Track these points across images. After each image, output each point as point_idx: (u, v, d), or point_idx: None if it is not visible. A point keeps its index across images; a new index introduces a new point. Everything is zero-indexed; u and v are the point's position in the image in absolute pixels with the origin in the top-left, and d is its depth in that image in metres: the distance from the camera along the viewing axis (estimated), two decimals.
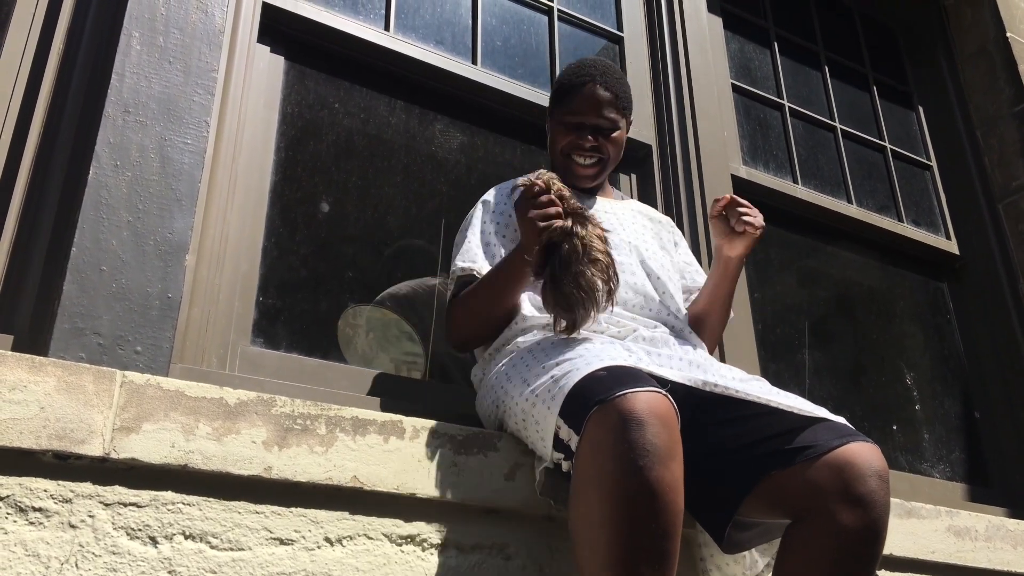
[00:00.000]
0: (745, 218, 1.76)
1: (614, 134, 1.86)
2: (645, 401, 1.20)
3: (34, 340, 1.42)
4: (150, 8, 1.71)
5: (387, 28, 2.20)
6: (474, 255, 1.73)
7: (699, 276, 1.96)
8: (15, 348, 1.42)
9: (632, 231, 1.84)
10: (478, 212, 1.82)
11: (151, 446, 1.24)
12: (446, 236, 2.11)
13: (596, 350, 1.42)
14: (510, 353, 1.61)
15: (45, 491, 1.18)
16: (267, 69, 1.98)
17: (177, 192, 1.59)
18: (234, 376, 1.64)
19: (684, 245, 2.03)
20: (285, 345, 1.80)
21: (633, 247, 1.79)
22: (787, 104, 2.97)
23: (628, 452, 1.16)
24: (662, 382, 1.35)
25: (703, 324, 1.81)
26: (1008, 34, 3.27)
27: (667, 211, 2.41)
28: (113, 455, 1.21)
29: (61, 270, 1.45)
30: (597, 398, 1.22)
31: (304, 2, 2.07)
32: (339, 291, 1.96)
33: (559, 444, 1.32)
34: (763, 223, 1.80)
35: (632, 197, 2.45)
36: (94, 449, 1.20)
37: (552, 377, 1.38)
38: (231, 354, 1.70)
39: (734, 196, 1.82)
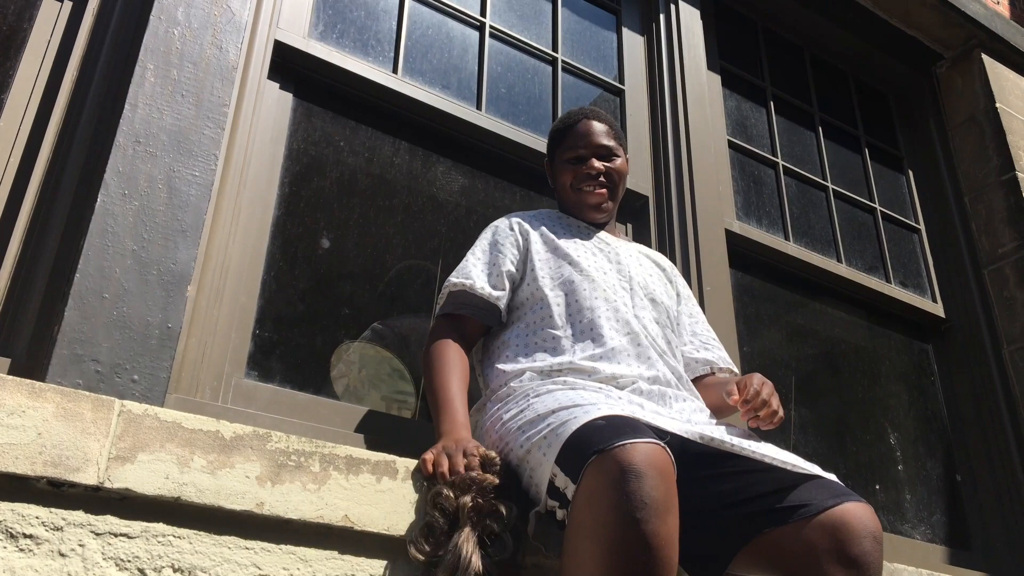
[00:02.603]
0: (762, 416, 1.57)
1: (617, 161, 1.91)
2: (643, 453, 1.21)
3: (32, 364, 1.43)
4: (166, 42, 1.74)
5: (395, 71, 2.24)
6: (469, 272, 1.76)
7: (707, 330, 1.96)
8: (12, 371, 1.43)
9: (639, 272, 1.85)
10: (486, 235, 1.86)
11: (145, 477, 1.24)
12: (443, 276, 2.13)
13: (594, 399, 1.43)
14: (506, 397, 1.62)
15: (37, 518, 1.17)
16: (275, 105, 2.01)
17: (183, 223, 1.61)
18: (227, 408, 1.64)
19: (687, 294, 2.02)
20: (279, 379, 1.81)
21: (642, 288, 1.80)
22: (781, 162, 3.03)
23: (625, 503, 1.17)
24: (660, 434, 1.36)
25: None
26: (998, 104, 3.36)
27: None
28: (107, 484, 1.21)
29: (63, 295, 1.46)
30: (595, 448, 1.23)
31: (315, 42, 2.11)
32: (335, 327, 1.97)
33: (554, 492, 1.32)
34: (782, 415, 1.60)
35: None
36: (88, 478, 1.20)
37: (548, 424, 1.38)
38: (224, 386, 1.70)
39: (753, 399, 1.58)
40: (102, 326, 1.46)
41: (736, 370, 1.92)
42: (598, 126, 1.90)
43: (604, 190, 1.89)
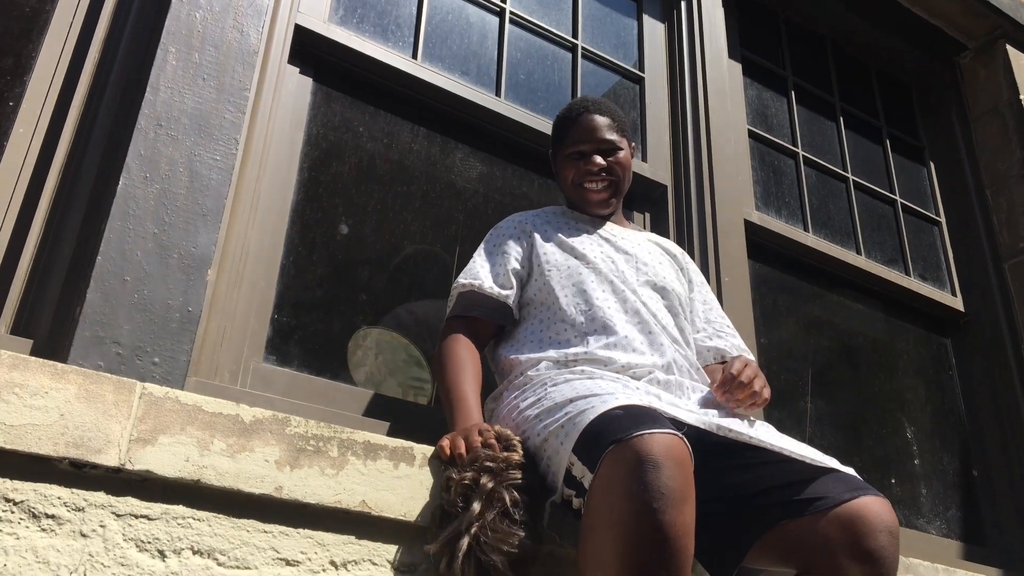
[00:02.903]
0: (742, 399, 1.59)
1: (619, 154, 1.88)
2: (661, 443, 1.20)
3: (54, 346, 1.44)
4: (187, 25, 1.74)
5: (415, 56, 2.23)
6: (476, 273, 1.76)
7: (720, 317, 1.95)
8: (34, 352, 1.44)
9: (648, 261, 1.84)
10: (490, 237, 1.86)
11: (166, 459, 1.25)
12: (460, 263, 2.12)
13: (612, 388, 1.43)
14: (523, 386, 1.62)
15: (59, 499, 1.18)
16: (295, 90, 2.00)
17: (203, 207, 1.61)
18: (245, 392, 1.65)
19: (700, 280, 2.01)
20: (297, 364, 1.81)
21: (651, 276, 1.80)
22: (801, 152, 3.01)
23: (642, 493, 1.17)
24: (677, 424, 1.35)
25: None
26: (1021, 96, 3.32)
27: None
28: (128, 466, 1.22)
29: (85, 278, 1.46)
30: (614, 437, 1.23)
31: (335, 26, 2.11)
32: (352, 313, 1.97)
33: (571, 480, 1.32)
34: (767, 396, 1.62)
35: None
36: (110, 459, 1.21)
37: (567, 413, 1.38)
38: (243, 370, 1.71)
39: (728, 382, 1.59)
40: (123, 309, 1.46)
41: (751, 357, 1.91)
42: (600, 119, 1.87)
43: (606, 192, 1.88)
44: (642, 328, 1.69)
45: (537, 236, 1.83)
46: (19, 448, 1.16)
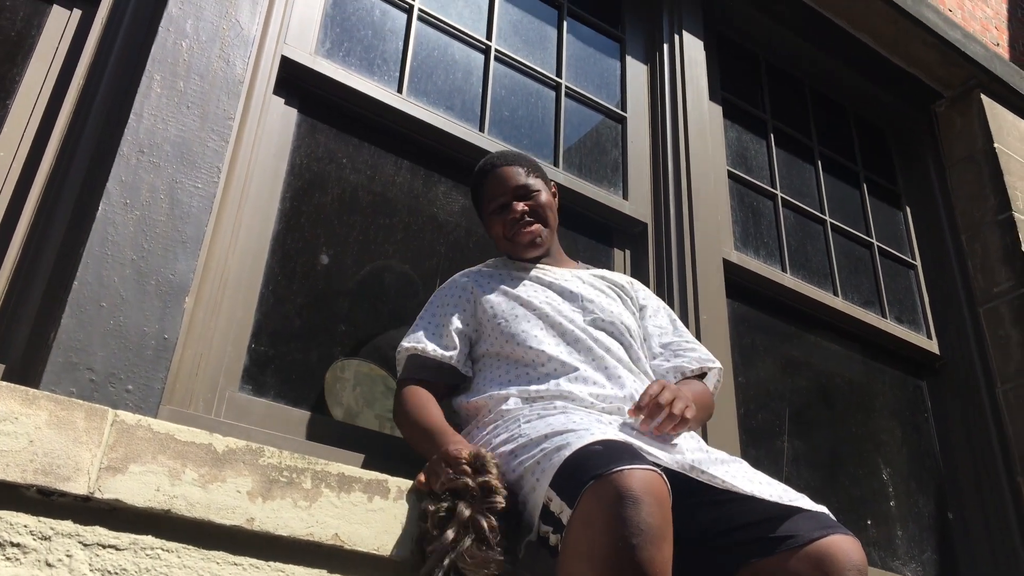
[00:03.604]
0: (662, 424, 1.53)
1: (538, 196, 1.91)
2: (641, 479, 1.20)
3: (26, 371, 1.42)
4: (173, 53, 1.74)
5: (400, 90, 2.25)
6: (419, 337, 1.76)
7: (678, 336, 1.92)
8: (6, 377, 1.42)
9: (594, 297, 1.84)
10: (434, 298, 1.87)
11: (136, 488, 1.23)
12: None
13: (586, 423, 1.42)
14: (494, 422, 1.61)
15: (25, 527, 1.16)
16: (280, 120, 2.01)
17: (183, 234, 1.60)
18: (220, 422, 1.63)
19: (655, 306, 1.99)
20: (273, 394, 1.80)
21: (597, 311, 1.80)
22: (780, 194, 3.04)
23: (622, 529, 1.16)
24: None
25: None
26: (996, 145, 3.38)
27: (658, 288, 2.45)
28: (97, 495, 1.20)
29: (61, 303, 1.45)
30: (594, 472, 1.23)
31: (322, 59, 2.12)
32: (331, 344, 1.96)
33: (548, 517, 1.31)
34: (689, 416, 1.54)
35: (625, 273, 2.49)
36: (79, 487, 1.19)
37: (542, 449, 1.38)
38: (218, 399, 1.69)
39: (643, 408, 1.54)
40: (98, 335, 1.45)
41: (718, 365, 1.90)
42: (510, 170, 1.91)
43: (532, 229, 1.89)
44: (597, 365, 1.70)
45: (480, 293, 1.84)
46: None
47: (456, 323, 1.79)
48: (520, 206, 1.88)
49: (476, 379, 1.77)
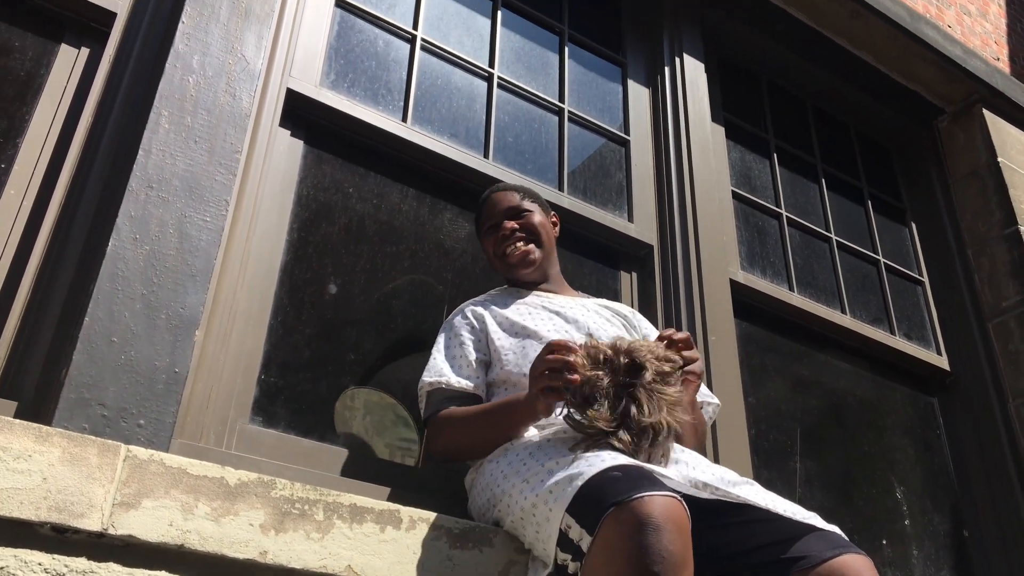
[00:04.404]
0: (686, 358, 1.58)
1: (533, 218, 1.95)
2: (662, 506, 1.20)
3: (39, 408, 1.42)
4: (181, 89, 1.76)
5: (404, 119, 2.27)
6: (440, 370, 1.76)
7: None
8: (19, 415, 1.42)
9: (596, 324, 1.85)
10: (444, 332, 1.87)
11: (149, 523, 1.23)
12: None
13: (597, 448, 1.42)
14: (505, 451, 1.61)
15: (40, 564, 1.16)
16: (286, 152, 2.03)
17: (192, 268, 1.62)
18: (231, 454, 1.63)
19: (655, 336, 1.98)
20: (283, 425, 1.80)
21: (600, 337, 1.79)
22: (785, 213, 3.05)
23: (643, 557, 1.16)
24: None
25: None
26: (999, 159, 3.39)
27: (666, 310, 2.45)
28: (111, 531, 1.20)
29: (72, 339, 1.46)
30: (615, 499, 1.22)
31: (327, 90, 2.14)
32: (340, 373, 1.96)
33: (566, 544, 1.31)
34: (700, 368, 1.65)
35: (632, 295, 2.49)
36: (92, 524, 1.19)
37: (554, 476, 1.37)
38: (229, 431, 1.69)
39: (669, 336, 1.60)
40: (109, 370, 1.46)
41: (716, 401, 1.90)
42: (503, 195, 1.98)
43: (524, 249, 1.92)
44: None
45: (489, 322, 1.85)
46: (1, 513, 1.14)
47: (472, 353, 1.80)
48: (510, 224, 1.93)
49: None
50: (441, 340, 1.86)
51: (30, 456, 1.19)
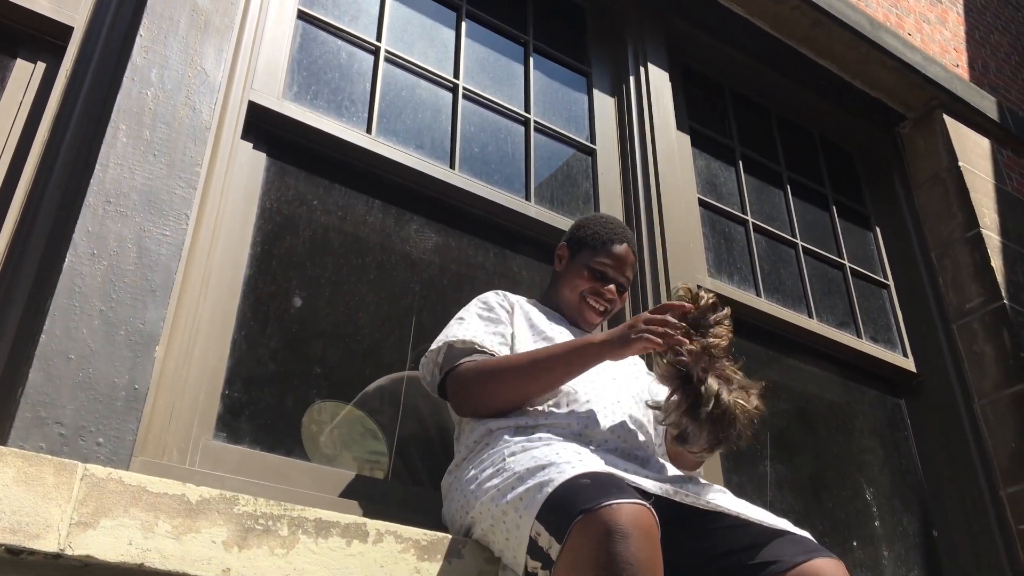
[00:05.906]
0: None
1: (625, 294, 1.99)
2: (630, 513, 1.21)
3: None
4: (139, 103, 1.75)
5: (369, 131, 2.26)
6: (475, 332, 1.74)
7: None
8: None
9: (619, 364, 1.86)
10: (477, 304, 1.86)
11: (108, 543, 1.21)
12: (416, 333, 2.12)
13: (568, 456, 1.42)
14: (480, 455, 1.60)
15: None
16: (248, 164, 2.01)
17: (152, 283, 1.59)
18: (195, 471, 1.61)
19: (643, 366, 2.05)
20: (248, 440, 1.78)
21: (610, 371, 1.81)
22: (751, 220, 3.07)
23: (611, 565, 1.16)
24: (643, 494, 1.35)
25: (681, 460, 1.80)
26: (960, 163, 3.44)
27: (633, 315, 2.45)
28: (68, 551, 1.18)
29: (28, 357, 1.43)
30: (582, 507, 1.22)
31: (289, 103, 2.13)
32: (306, 387, 1.94)
33: (536, 552, 1.30)
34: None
35: None
36: (48, 544, 1.17)
37: (526, 485, 1.37)
38: (192, 448, 1.67)
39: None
40: (67, 388, 1.43)
41: None
42: (632, 258, 1.98)
43: (603, 317, 1.96)
44: (603, 408, 1.70)
45: (518, 313, 1.85)
46: None
47: (504, 327, 1.79)
48: (615, 293, 1.94)
49: None
50: (473, 308, 1.84)
51: None
